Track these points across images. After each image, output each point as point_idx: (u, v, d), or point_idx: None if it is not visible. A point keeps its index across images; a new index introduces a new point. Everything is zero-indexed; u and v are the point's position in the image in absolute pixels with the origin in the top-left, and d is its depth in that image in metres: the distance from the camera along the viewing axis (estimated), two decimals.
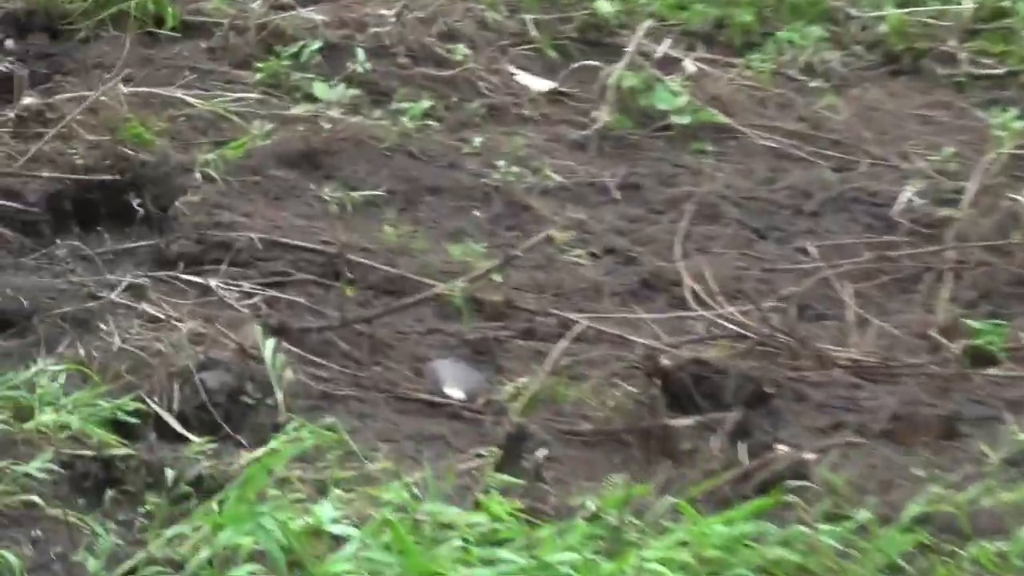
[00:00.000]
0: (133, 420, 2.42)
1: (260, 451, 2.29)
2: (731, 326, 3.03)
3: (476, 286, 2.98)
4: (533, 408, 2.59)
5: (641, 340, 2.88)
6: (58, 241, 3.30)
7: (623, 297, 3.21)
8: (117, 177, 3.45)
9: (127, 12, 4.16)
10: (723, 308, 3.11)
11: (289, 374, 2.61)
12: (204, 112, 3.77)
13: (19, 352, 2.75)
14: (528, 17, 4.40)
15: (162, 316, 2.85)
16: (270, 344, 2.61)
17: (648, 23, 4.27)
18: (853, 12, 4.73)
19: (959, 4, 4.77)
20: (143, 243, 3.30)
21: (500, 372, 2.87)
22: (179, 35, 4.24)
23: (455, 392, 2.80)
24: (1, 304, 2.95)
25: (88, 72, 4.01)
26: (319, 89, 3.74)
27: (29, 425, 2.34)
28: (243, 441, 2.46)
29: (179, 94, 3.81)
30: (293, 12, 4.16)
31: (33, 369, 2.48)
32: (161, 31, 4.22)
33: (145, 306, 2.90)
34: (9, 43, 4.07)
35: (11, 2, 4.25)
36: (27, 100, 3.67)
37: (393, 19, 4.12)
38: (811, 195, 3.67)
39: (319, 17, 4.11)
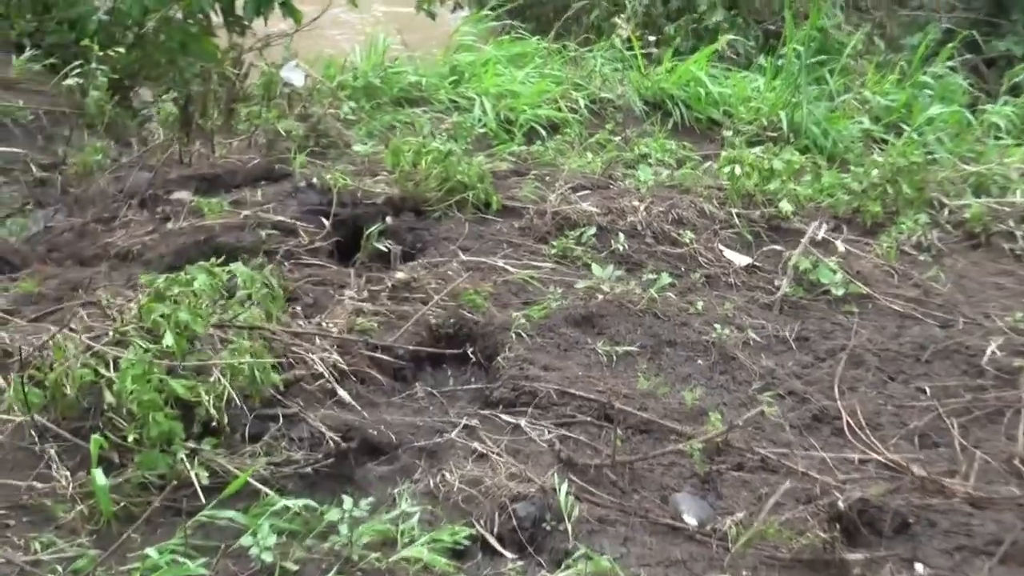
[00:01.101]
0: (465, 543, 3.06)
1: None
2: (879, 457, 3.76)
3: (705, 439, 3.66)
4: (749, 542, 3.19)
5: (821, 478, 3.56)
6: (417, 385, 4.08)
7: (800, 429, 3.98)
8: (458, 333, 4.36)
9: (467, 199, 5.32)
10: (871, 440, 3.86)
11: (576, 506, 3.22)
12: (516, 279, 4.73)
13: (389, 477, 3.44)
14: (733, 210, 5.49)
15: (487, 452, 3.51)
16: (563, 483, 3.26)
17: (815, 223, 5.41)
18: (945, 201, 5.90)
19: (1016, 195, 5.92)
20: (475, 386, 4.14)
21: (720, 498, 3.52)
22: (500, 217, 5.32)
23: (691, 520, 3.36)
24: (377, 437, 3.58)
25: (439, 243, 5.07)
26: (596, 268, 4.68)
27: (393, 558, 2.95)
28: (542, 561, 3.10)
29: (499, 263, 4.84)
30: (576, 204, 5.35)
31: (396, 511, 3.10)
32: (488, 214, 5.34)
33: (475, 444, 3.57)
34: (389, 219, 5.17)
35: (391, 190, 5.32)
36: (399, 274, 4.62)
37: (643, 210, 5.30)
38: (925, 347, 4.55)
39: (593, 208, 5.27)
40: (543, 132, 6.44)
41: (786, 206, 5.53)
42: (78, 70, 6.86)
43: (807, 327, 4.68)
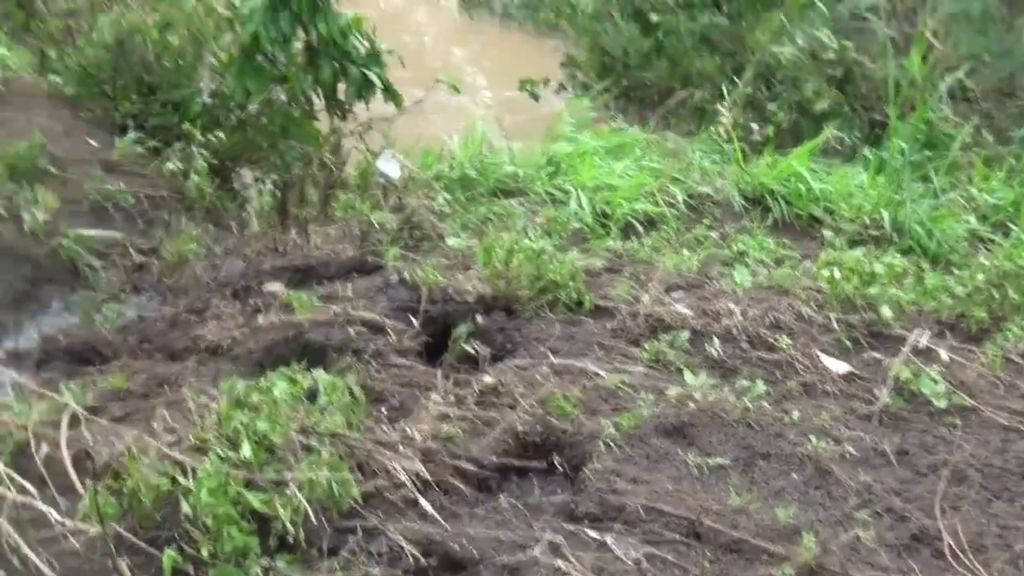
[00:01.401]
0: None
1: None
2: None
3: (798, 563, 3.59)
4: None
5: None
6: (501, 496, 4.04)
7: (898, 551, 3.84)
8: (545, 441, 4.33)
9: (559, 298, 5.28)
10: (974, 565, 3.70)
11: None
12: (606, 384, 4.65)
13: None
14: (832, 315, 5.36)
15: (571, 572, 3.49)
16: None
17: (917, 331, 5.26)
18: None
19: None
20: (561, 498, 4.07)
21: None
22: (592, 317, 5.27)
23: None
24: (458, 552, 3.56)
25: (529, 344, 5.04)
26: (688, 376, 4.65)
27: None
28: None
29: (590, 366, 4.78)
30: (670, 305, 5.30)
31: None
32: (580, 313, 5.29)
33: (559, 562, 3.54)
34: (479, 318, 5.15)
35: (482, 287, 5.30)
36: (487, 378, 4.59)
37: (738, 313, 5.22)
38: None
39: (687, 311, 5.22)
40: (639, 227, 6.39)
41: (887, 312, 5.41)
42: (179, 153, 6.97)
43: (907, 440, 4.54)
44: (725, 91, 10.01)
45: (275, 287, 5.58)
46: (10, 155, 6.78)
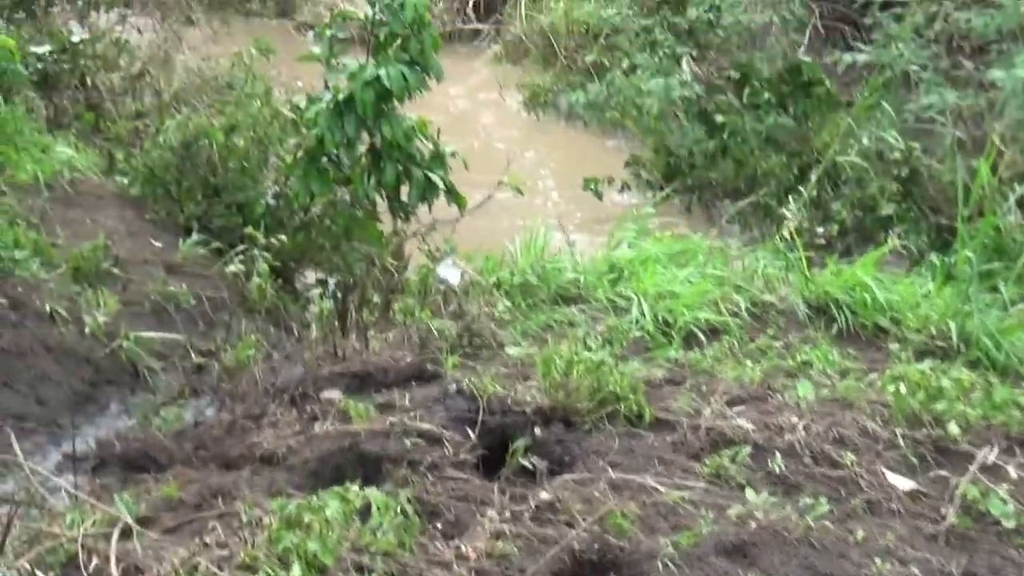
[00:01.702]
0: None
1: None
2: None
3: None
4: None
5: None
6: None
7: None
8: (602, 560, 4.22)
9: (619, 410, 5.22)
10: None
11: None
12: (665, 500, 4.59)
13: None
14: (898, 430, 5.28)
15: None
16: None
17: (985, 448, 5.17)
18: None
19: None
20: None
21: None
22: (652, 430, 5.21)
23: None
24: None
25: (588, 458, 4.99)
26: (749, 493, 4.56)
27: None
28: None
29: (649, 481, 4.71)
30: (731, 419, 5.25)
31: None
32: (640, 427, 5.23)
33: None
34: (537, 431, 5.13)
35: (541, 398, 5.28)
36: (543, 495, 4.53)
37: (801, 428, 5.16)
38: None
39: (749, 425, 5.18)
40: (701, 336, 6.34)
41: (954, 428, 5.33)
42: (242, 255, 7.06)
43: (975, 563, 4.42)
44: (790, 193, 10.03)
45: (333, 394, 5.58)
46: (74, 256, 6.91)
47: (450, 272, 6.38)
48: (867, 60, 10.89)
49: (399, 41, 7.68)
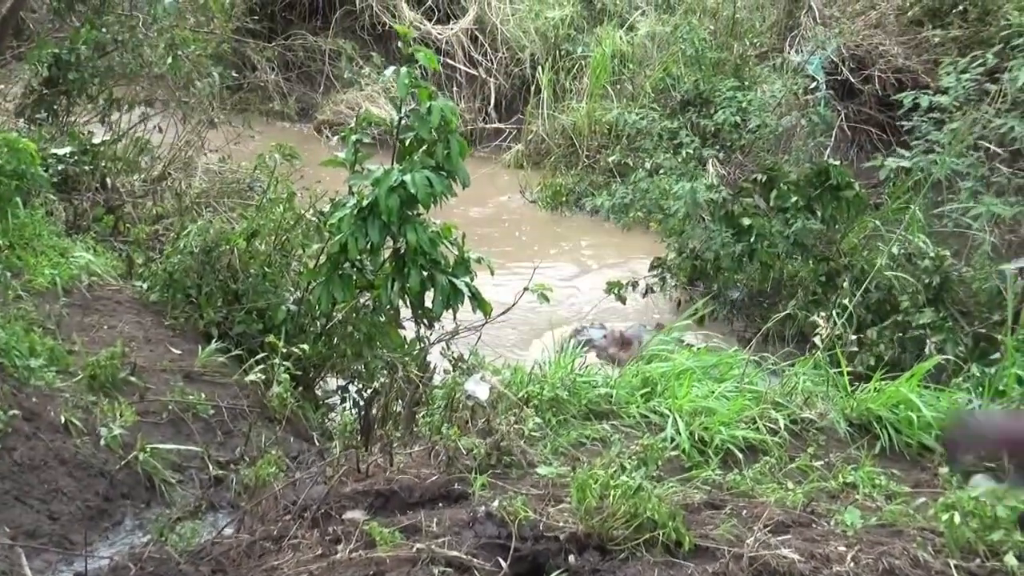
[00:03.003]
0: None
1: None
2: None
3: None
4: None
5: None
6: None
7: None
8: None
9: (656, 538, 4.99)
10: None
11: None
12: None
13: None
14: (951, 561, 5.04)
15: None
16: None
17: None
18: None
19: None
20: None
21: None
22: (692, 559, 4.97)
23: None
24: None
25: None
26: None
27: None
28: None
29: None
30: (775, 548, 4.95)
31: None
32: (679, 555, 4.98)
33: None
34: (572, 559, 4.92)
35: (575, 523, 5.05)
36: None
37: (849, 559, 4.89)
38: None
39: (794, 555, 4.90)
40: (739, 455, 6.11)
41: (1011, 560, 5.06)
42: (261, 364, 6.89)
43: None
44: (819, 300, 9.86)
45: (356, 515, 5.38)
46: (90, 364, 6.73)
47: (479, 387, 6.16)
48: (909, 166, 10.74)
49: (425, 146, 7.53)
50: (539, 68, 18.43)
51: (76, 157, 9.86)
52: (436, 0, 19.50)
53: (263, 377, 6.97)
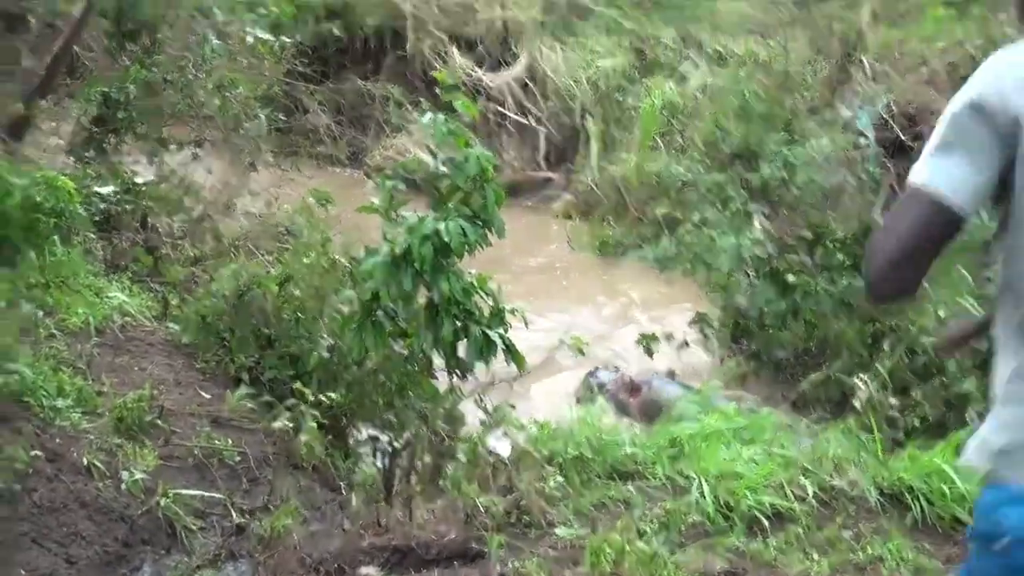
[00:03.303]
0: None
1: None
2: None
3: None
4: None
5: None
6: None
7: None
8: None
9: None
10: None
11: None
12: None
13: None
14: None
15: None
16: None
17: None
18: None
19: None
20: None
21: None
22: None
23: None
24: None
25: None
26: None
27: None
28: None
29: None
30: None
31: None
32: None
33: None
34: None
35: None
36: None
37: None
38: None
39: None
40: (765, 522, 5.97)
41: None
42: (289, 412, 6.84)
43: None
44: (863, 363, 9.69)
45: (370, 571, 5.32)
46: (117, 407, 6.71)
47: (500, 443, 6.07)
48: None
49: (461, 194, 7.47)
50: (588, 117, 18.38)
51: (119, 196, 9.90)
52: (488, 47, 19.53)
53: (291, 425, 6.91)
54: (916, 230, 2.58)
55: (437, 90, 7.81)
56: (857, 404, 7.93)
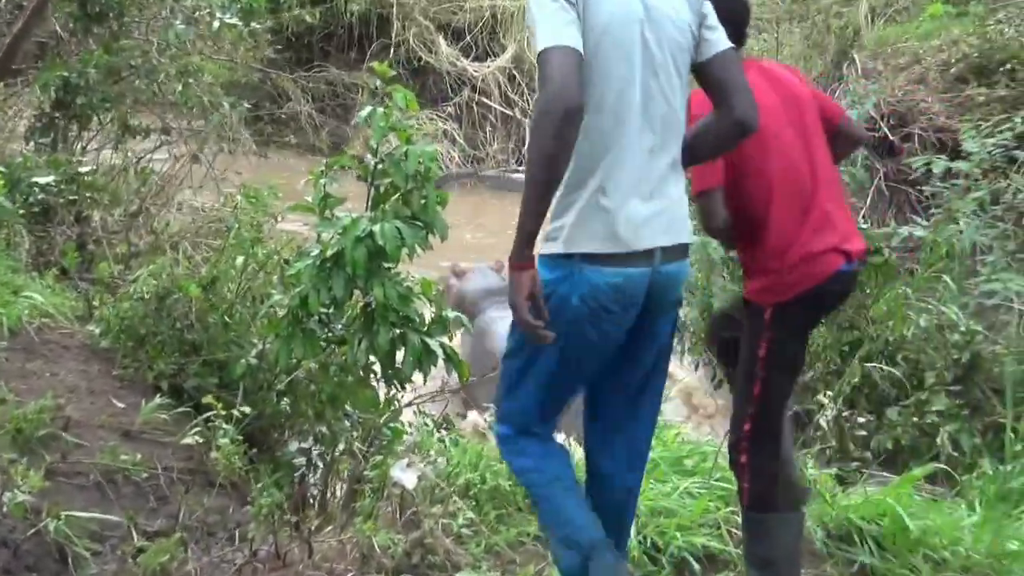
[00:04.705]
0: None
1: None
2: None
3: None
4: None
5: None
6: None
7: None
8: None
9: None
10: None
11: None
12: None
13: None
14: None
15: None
16: None
17: None
18: None
19: None
20: None
21: None
22: None
23: None
24: None
25: None
26: None
27: None
28: None
29: None
30: None
31: None
32: None
33: None
34: None
35: None
36: None
37: None
38: None
39: None
40: (696, 565, 5.35)
41: None
42: (207, 424, 6.26)
43: None
44: (840, 370, 9.11)
45: None
46: (16, 417, 6.11)
47: (405, 475, 5.44)
48: (923, 235, 9.90)
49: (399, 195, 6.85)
50: None
51: (60, 187, 9.27)
52: (475, 36, 18.92)
53: (200, 440, 6.31)
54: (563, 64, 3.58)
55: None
56: (823, 423, 7.32)
